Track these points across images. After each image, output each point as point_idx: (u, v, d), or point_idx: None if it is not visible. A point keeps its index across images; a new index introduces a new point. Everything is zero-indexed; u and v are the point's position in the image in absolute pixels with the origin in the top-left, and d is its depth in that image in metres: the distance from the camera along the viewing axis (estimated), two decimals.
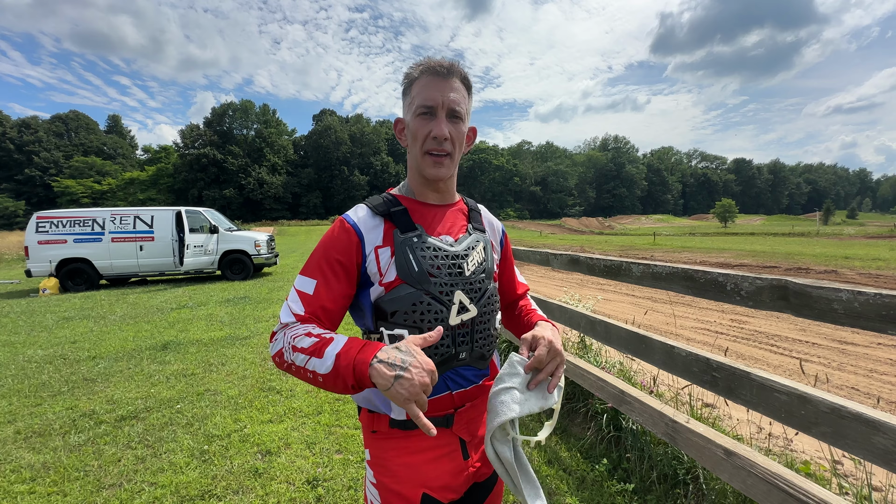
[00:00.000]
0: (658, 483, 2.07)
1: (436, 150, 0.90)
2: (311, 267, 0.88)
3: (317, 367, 0.75)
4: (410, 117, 0.92)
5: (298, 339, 0.79)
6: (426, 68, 0.89)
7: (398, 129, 0.98)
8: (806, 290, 1.18)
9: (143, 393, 3.66)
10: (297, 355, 0.78)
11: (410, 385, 0.69)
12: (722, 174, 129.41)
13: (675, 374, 1.67)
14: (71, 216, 10.19)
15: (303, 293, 0.86)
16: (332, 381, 0.75)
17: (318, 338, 0.78)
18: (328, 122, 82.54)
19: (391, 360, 0.71)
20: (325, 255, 0.88)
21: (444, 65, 0.89)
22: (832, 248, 18.87)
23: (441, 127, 0.88)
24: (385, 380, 0.69)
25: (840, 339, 5.40)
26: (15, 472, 2.50)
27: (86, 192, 62.03)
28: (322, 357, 0.75)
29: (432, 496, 0.89)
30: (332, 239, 0.90)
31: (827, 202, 77.02)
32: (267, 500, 2.20)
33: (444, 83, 0.88)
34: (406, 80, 0.93)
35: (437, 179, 0.94)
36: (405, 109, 0.95)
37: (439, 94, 0.88)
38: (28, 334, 5.93)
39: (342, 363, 0.73)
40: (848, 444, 1.07)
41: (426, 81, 0.89)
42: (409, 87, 0.92)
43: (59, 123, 75.03)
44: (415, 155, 0.93)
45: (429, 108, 0.88)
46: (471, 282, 0.93)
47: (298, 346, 0.78)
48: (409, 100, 0.92)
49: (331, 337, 0.78)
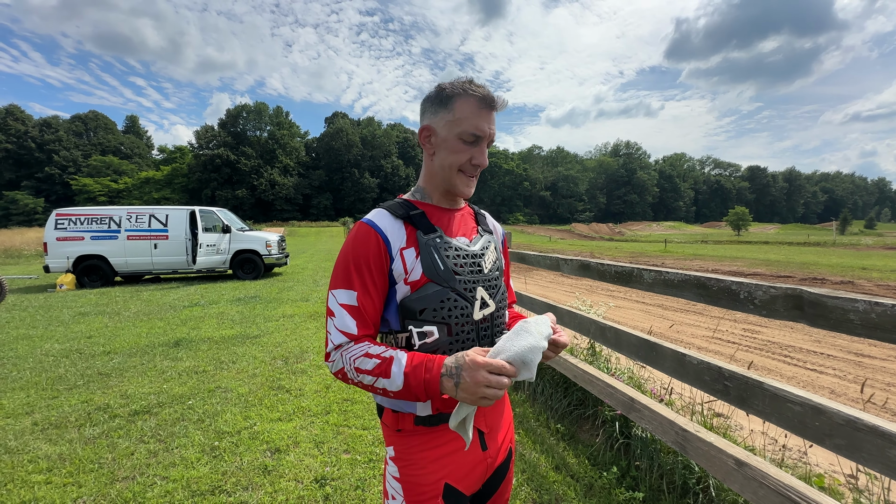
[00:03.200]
0: (667, 492, 2.05)
1: (470, 174, 0.98)
2: (348, 278, 0.90)
3: (387, 386, 0.83)
4: (450, 135, 0.93)
5: (360, 361, 0.85)
6: (479, 96, 0.92)
7: (424, 135, 0.99)
8: (821, 299, 1.17)
9: (155, 388, 3.73)
10: (364, 377, 0.85)
11: (467, 386, 0.77)
12: (735, 181, 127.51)
13: (687, 382, 1.65)
14: (89, 214, 10.41)
15: (349, 307, 0.89)
16: (403, 395, 0.84)
17: (379, 358, 0.84)
18: (340, 125, 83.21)
19: (449, 372, 0.80)
20: (357, 263, 0.90)
21: (497, 101, 0.95)
22: (849, 259, 18.46)
23: (484, 157, 0.96)
24: (453, 387, 0.79)
25: (856, 352, 5.28)
26: (32, 462, 2.56)
27: (103, 190, 63.29)
28: (390, 377, 0.82)
29: (454, 486, 0.94)
30: (360, 246, 0.91)
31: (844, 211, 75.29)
32: (275, 497, 2.22)
33: (491, 116, 0.95)
34: (447, 92, 0.93)
35: (465, 196, 1.01)
36: (440, 122, 0.94)
37: (488, 126, 0.94)
38: (45, 328, 6.08)
39: (413, 382, 0.81)
40: (863, 457, 1.05)
41: (476, 110, 0.92)
42: (449, 102, 0.93)
43: (78, 123, 76.77)
44: (446, 168, 0.96)
45: (477, 137, 0.94)
46: (489, 279, 1.00)
47: (363, 369, 0.85)
48: (449, 116, 0.93)
49: (391, 356, 0.84)
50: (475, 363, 0.78)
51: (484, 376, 0.76)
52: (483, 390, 0.76)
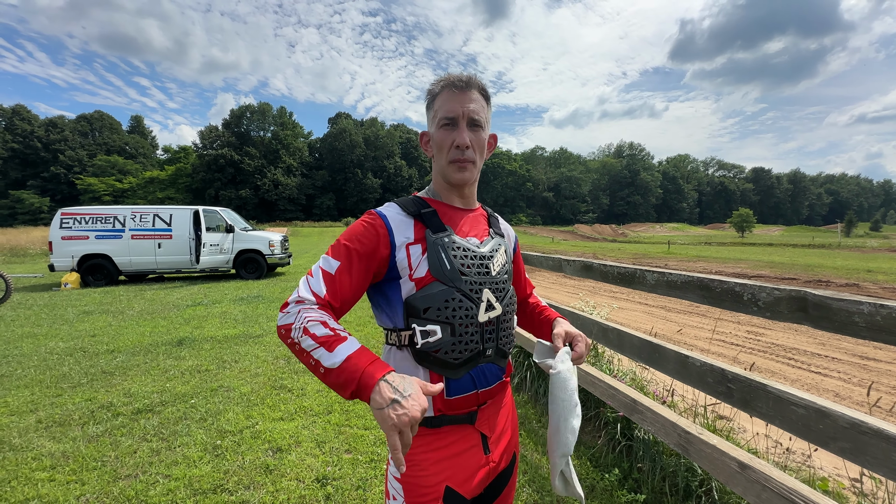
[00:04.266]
0: (670, 494, 2.04)
1: (460, 158, 0.96)
2: (339, 249, 0.90)
3: (323, 359, 0.76)
4: (434, 129, 0.98)
5: (312, 325, 0.79)
6: (446, 83, 0.96)
7: (424, 141, 1.04)
8: (826, 301, 1.16)
9: (158, 387, 3.74)
10: (307, 339, 0.78)
11: (402, 414, 0.69)
12: (740, 183, 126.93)
13: (689, 384, 1.65)
14: (93, 213, 10.48)
15: (326, 273, 0.88)
16: (333, 376, 0.76)
17: (332, 331, 0.79)
18: (343, 125, 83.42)
19: (395, 385, 0.72)
20: (350, 240, 0.91)
21: (462, 78, 0.95)
22: (854, 261, 18.33)
23: (463, 136, 0.94)
24: (383, 399, 0.70)
25: (861, 355, 5.24)
26: (36, 459, 2.58)
27: (108, 190, 63.70)
28: (332, 352, 0.76)
29: (455, 489, 0.93)
30: (360, 227, 0.93)
31: (849, 213, 74.76)
32: (277, 496, 2.22)
33: (463, 95, 0.94)
34: (429, 96, 1.00)
35: (462, 183, 0.99)
36: (429, 123, 1.01)
37: (459, 105, 0.94)
38: (50, 327, 6.12)
39: (350, 366, 0.75)
40: (868, 460, 1.04)
41: (447, 95, 0.95)
42: (431, 102, 0.99)
43: (84, 123, 77.29)
44: (441, 164, 0.98)
45: (450, 119, 0.94)
46: (496, 281, 0.99)
47: (311, 332, 0.79)
48: (432, 113, 0.99)
49: (345, 335, 0.80)
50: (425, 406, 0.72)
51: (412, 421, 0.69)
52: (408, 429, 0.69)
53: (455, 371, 0.92)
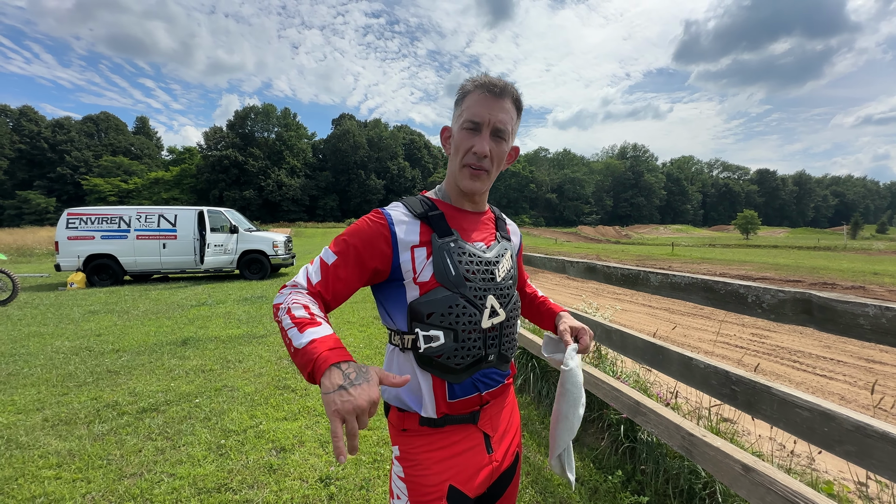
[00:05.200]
0: (673, 497, 2.03)
1: (474, 165, 0.93)
2: (339, 244, 0.92)
3: (293, 339, 0.77)
4: (457, 128, 0.95)
5: (295, 307, 0.82)
6: (481, 84, 0.92)
7: (444, 136, 1.01)
8: (830, 303, 1.16)
9: (163, 386, 3.77)
10: (286, 318, 0.81)
11: (346, 401, 0.67)
12: (744, 185, 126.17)
13: (693, 386, 1.64)
14: (99, 213, 10.56)
15: (324, 263, 0.90)
16: (298, 357, 0.76)
17: (309, 315, 0.80)
18: (346, 126, 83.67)
19: (346, 372, 0.70)
20: (352, 236, 0.92)
21: (498, 84, 0.92)
22: (860, 264, 18.20)
23: (483, 144, 0.91)
24: (331, 384, 0.69)
25: (867, 357, 5.21)
26: (43, 457, 2.60)
27: (113, 190, 64.17)
28: (302, 333, 0.77)
29: (458, 488, 0.93)
30: (365, 226, 0.93)
31: (855, 215, 74.16)
32: (281, 495, 2.23)
33: (495, 102, 0.91)
34: (460, 91, 0.96)
35: (472, 192, 0.97)
36: (454, 119, 0.98)
37: (487, 112, 0.91)
38: (56, 326, 6.17)
39: (311, 348, 0.74)
40: (874, 464, 1.04)
41: (479, 98, 0.92)
42: (461, 100, 0.96)
43: (90, 124, 77.90)
44: (454, 166, 0.97)
45: (475, 123, 0.92)
46: (501, 287, 0.98)
47: (291, 312, 0.81)
48: (459, 111, 0.96)
49: (320, 321, 0.80)
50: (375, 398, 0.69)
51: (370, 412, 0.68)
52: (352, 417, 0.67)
53: (457, 376, 0.92)
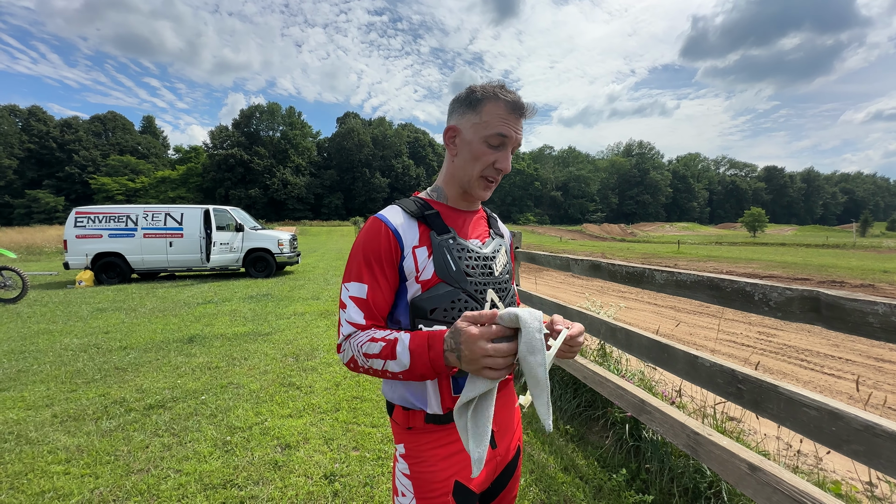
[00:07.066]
0: (678, 496, 2.02)
1: (493, 178, 0.97)
2: (359, 272, 0.92)
3: (394, 368, 0.83)
4: (476, 137, 0.93)
5: (366, 346, 0.85)
6: (507, 100, 0.91)
7: (449, 135, 0.98)
8: (839, 301, 1.14)
9: (170, 383, 3.80)
10: (373, 361, 0.85)
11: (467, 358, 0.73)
12: (751, 182, 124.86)
13: (699, 384, 1.63)
14: (107, 212, 10.66)
15: (358, 300, 0.91)
16: (411, 375, 0.83)
17: (384, 341, 0.84)
18: (351, 125, 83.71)
19: (449, 347, 0.77)
20: (367, 258, 0.91)
21: (526, 107, 0.93)
22: (869, 262, 17.97)
23: (507, 162, 0.95)
24: (454, 363, 0.77)
25: (876, 357, 5.15)
26: (52, 453, 2.64)
27: (120, 189, 64.74)
28: (396, 358, 0.82)
29: (464, 484, 0.94)
30: (371, 241, 0.92)
31: (865, 213, 73.21)
32: (286, 492, 2.25)
33: (518, 121, 0.94)
34: (477, 95, 0.93)
35: (483, 200, 1.02)
36: (467, 124, 0.94)
37: (514, 131, 0.93)
38: (65, 323, 6.24)
39: (417, 361, 0.81)
40: (882, 464, 1.03)
41: (505, 113, 0.91)
42: (478, 105, 0.93)
43: (97, 123, 78.55)
44: (468, 172, 0.96)
45: (503, 139, 0.92)
46: (499, 282, 1.00)
47: (370, 353, 0.85)
48: (476, 118, 0.93)
49: (395, 338, 0.84)
50: (471, 336, 0.73)
51: (481, 347, 0.72)
52: (483, 360, 0.72)
53: (460, 370, 0.92)
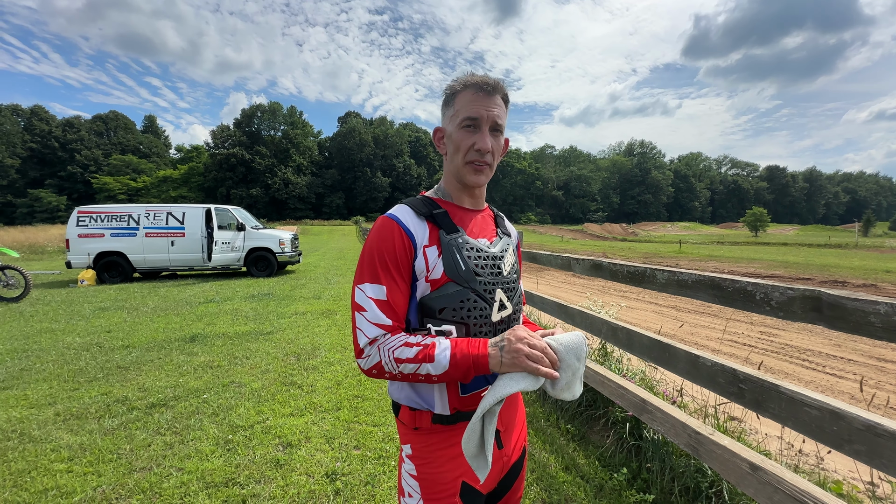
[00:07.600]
0: (679, 495, 2.02)
1: (478, 161, 0.96)
2: (375, 273, 0.90)
3: (431, 371, 0.84)
4: (453, 128, 0.96)
5: (399, 351, 0.85)
6: (472, 84, 0.94)
7: (437, 137, 1.03)
8: (841, 301, 1.14)
9: (172, 382, 3.81)
10: (405, 365, 0.85)
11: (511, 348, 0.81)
12: (753, 181, 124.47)
13: (700, 384, 1.63)
14: (109, 212, 10.70)
15: (379, 301, 0.89)
16: (446, 376, 0.84)
17: (420, 346, 0.85)
18: (352, 124, 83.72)
19: (495, 343, 0.84)
20: (383, 259, 0.90)
21: (489, 82, 0.94)
22: (872, 262, 17.90)
23: (485, 140, 0.94)
24: (494, 358, 0.82)
25: (878, 356, 5.13)
26: (55, 451, 2.65)
27: (122, 188, 64.92)
28: (434, 361, 0.83)
29: (471, 484, 0.94)
30: (386, 241, 0.92)
31: (867, 213, 72.80)
32: (287, 490, 2.26)
33: (489, 99, 0.94)
34: (449, 91, 0.98)
35: (476, 186, 0.99)
36: (446, 120, 0.99)
37: (484, 109, 0.93)
38: (67, 322, 6.26)
39: (460, 361, 0.83)
40: (884, 464, 1.03)
41: (472, 97, 0.94)
42: (451, 99, 0.98)
43: (99, 123, 78.69)
44: (456, 163, 0.98)
45: (474, 120, 0.93)
46: (507, 281, 1.00)
47: (403, 358, 0.85)
48: (451, 111, 0.97)
49: (432, 342, 0.85)
50: (518, 336, 0.83)
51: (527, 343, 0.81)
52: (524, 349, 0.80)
53: None
